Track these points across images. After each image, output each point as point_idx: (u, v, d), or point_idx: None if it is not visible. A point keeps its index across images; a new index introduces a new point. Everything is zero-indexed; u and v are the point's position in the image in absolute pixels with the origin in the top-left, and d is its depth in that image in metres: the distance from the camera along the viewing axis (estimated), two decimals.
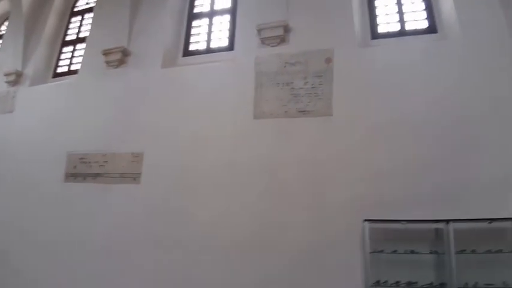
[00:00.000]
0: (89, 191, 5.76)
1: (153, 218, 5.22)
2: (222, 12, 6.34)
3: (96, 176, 5.72)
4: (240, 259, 4.67)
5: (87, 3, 7.74)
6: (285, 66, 5.27)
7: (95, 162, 5.78)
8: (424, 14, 5.30)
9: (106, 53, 6.25)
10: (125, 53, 6.25)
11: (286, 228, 4.62)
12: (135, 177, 5.45)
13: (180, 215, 5.09)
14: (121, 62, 6.25)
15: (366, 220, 4.06)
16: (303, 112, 5.01)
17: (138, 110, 5.81)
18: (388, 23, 5.47)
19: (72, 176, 5.92)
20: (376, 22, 5.50)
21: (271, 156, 4.95)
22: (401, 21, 5.40)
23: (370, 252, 4.00)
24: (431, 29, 5.20)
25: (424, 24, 5.28)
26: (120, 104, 5.99)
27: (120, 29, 6.41)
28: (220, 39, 6.12)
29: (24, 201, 6.24)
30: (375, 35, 5.43)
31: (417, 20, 5.35)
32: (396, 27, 5.40)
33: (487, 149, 4.28)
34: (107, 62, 6.30)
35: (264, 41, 5.47)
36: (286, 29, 5.42)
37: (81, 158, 5.93)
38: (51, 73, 7.40)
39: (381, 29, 5.47)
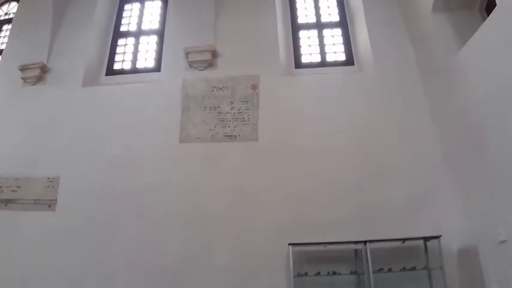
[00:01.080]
0: (1, 218, 5.30)
1: (69, 248, 4.92)
2: (149, 32, 6.41)
3: (7, 202, 5.32)
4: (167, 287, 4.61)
5: (6, 14, 7.29)
6: (212, 91, 5.41)
7: (6, 187, 5.39)
8: (342, 48, 5.75)
9: (23, 68, 5.95)
10: (44, 70, 5.99)
11: (212, 254, 4.68)
12: (50, 204, 5.16)
13: (100, 244, 4.89)
14: (39, 79, 5.97)
15: (290, 244, 4.22)
16: (230, 137, 5.17)
17: (56, 131, 5.57)
18: (311, 54, 5.96)
19: None
20: (300, 52, 5.94)
21: (197, 181, 5.04)
22: (322, 53, 5.94)
23: (295, 277, 4.16)
24: (349, 62, 5.75)
25: (343, 57, 5.84)
26: (36, 123, 5.69)
27: (40, 43, 6.15)
28: (147, 60, 6.17)
29: None
30: (298, 64, 5.86)
31: (337, 52, 5.91)
32: (317, 59, 5.90)
33: (398, 174, 4.83)
34: (24, 78, 5.98)
35: (191, 64, 5.60)
36: (214, 54, 5.62)
37: None
38: None
39: (304, 59, 5.95)
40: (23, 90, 6.02)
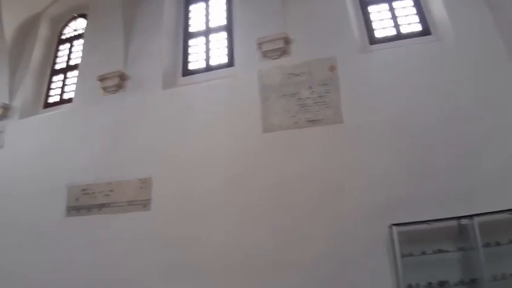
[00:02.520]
0: (94, 223, 5.73)
1: (164, 245, 5.25)
2: (218, 29, 6.64)
3: (101, 206, 5.67)
4: (258, 279, 4.72)
5: (75, 30, 7.85)
6: (289, 78, 5.44)
7: (99, 192, 5.78)
8: (417, 18, 5.60)
9: (102, 78, 6.38)
10: (122, 78, 6.41)
11: (305, 243, 4.72)
12: (144, 204, 5.40)
13: (193, 239, 5.13)
14: (119, 87, 6.39)
15: (393, 224, 4.17)
16: (313, 122, 5.16)
17: (142, 134, 5.94)
18: (384, 28, 5.81)
19: (75, 209, 5.85)
20: (373, 28, 5.78)
21: (284, 169, 5.11)
22: (396, 25, 5.70)
23: (402, 257, 4.01)
24: (426, 32, 5.51)
25: (418, 27, 5.59)
26: (122, 129, 6.10)
27: (114, 53, 6.59)
28: (219, 57, 6.39)
29: (21, 242, 6.13)
30: (372, 40, 5.74)
31: (411, 23, 5.72)
32: (392, 32, 5.72)
33: (492, 145, 4.57)
34: (104, 88, 6.42)
35: (265, 54, 5.67)
36: (287, 41, 5.68)
37: (84, 190, 5.92)
38: (41, 104, 7.42)
39: (378, 34, 5.79)
40: (104, 99, 6.46)
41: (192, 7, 6.95)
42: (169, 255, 5.12)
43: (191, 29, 6.77)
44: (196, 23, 6.78)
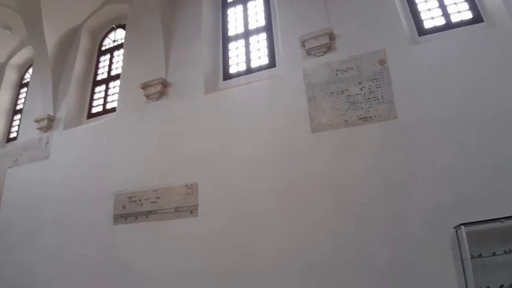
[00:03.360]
0: (142, 231, 5.66)
1: (215, 251, 5.12)
2: (257, 31, 6.50)
3: (148, 213, 5.61)
4: (317, 285, 4.48)
5: (114, 41, 7.94)
6: (336, 74, 5.23)
7: (145, 200, 5.71)
8: (466, 5, 5.27)
9: (145, 86, 6.38)
10: (165, 84, 6.39)
11: (363, 246, 4.45)
12: (191, 210, 5.31)
13: (244, 245, 4.97)
14: (161, 94, 6.38)
15: (462, 224, 3.79)
16: (365, 119, 4.91)
17: (186, 140, 5.87)
18: (432, 17, 5.48)
19: (122, 217, 5.85)
20: (421, 18, 5.48)
21: (336, 170, 4.87)
22: (445, 14, 5.39)
23: (472, 258, 3.70)
24: (477, 19, 5.14)
25: (469, 15, 5.25)
26: (166, 135, 6.07)
27: (155, 61, 6.58)
28: (260, 58, 6.23)
29: (71, 249, 6.17)
30: (421, 31, 5.42)
31: (460, 11, 5.35)
32: (441, 21, 5.40)
33: None
34: (147, 96, 6.41)
35: (309, 52, 5.48)
36: (331, 37, 5.48)
37: (130, 197, 5.87)
38: (85, 114, 7.52)
39: (427, 24, 5.47)
40: (148, 107, 6.44)
41: (230, 11, 6.87)
42: (220, 262, 4.97)
43: (230, 33, 6.67)
44: (234, 26, 6.69)
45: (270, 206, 4.97)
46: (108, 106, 7.32)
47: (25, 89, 9.16)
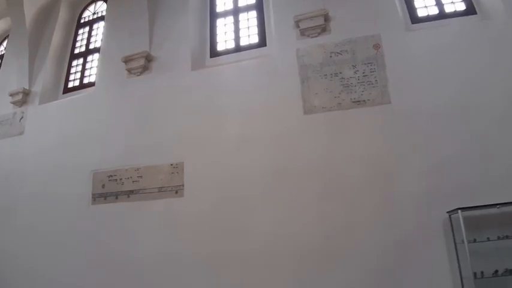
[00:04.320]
0: (123, 211, 5.42)
1: (201, 233, 4.93)
2: (247, 8, 6.25)
3: (130, 193, 5.35)
4: (303, 270, 4.41)
5: (94, 14, 7.51)
6: (330, 57, 5.12)
7: (127, 179, 5.45)
8: None
9: (127, 60, 6.04)
10: (148, 58, 6.05)
11: (355, 230, 4.39)
12: (176, 190, 5.09)
13: (232, 228, 4.81)
14: (145, 69, 6.04)
15: (459, 208, 3.75)
16: (358, 102, 4.83)
17: (171, 117, 5.60)
18: (426, 6, 5.43)
19: (101, 196, 5.54)
20: (414, 6, 5.41)
21: (328, 152, 4.77)
22: (439, 4, 5.36)
23: (469, 243, 3.70)
24: (470, 11, 5.15)
25: (462, 7, 5.24)
26: (149, 112, 5.77)
27: (139, 34, 6.24)
28: (249, 37, 5.98)
29: (48, 230, 5.83)
30: (415, 19, 5.36)
31: (454, 2, 5.31)
32: (434, 11, 5.36)
33: None
34: (129, 70, 6.08)
35: (303, 32, 5.33)
36: (327, 18, 5.34)
37: (110, 176, 5.59)
38: (61, 89, 7.06)
39: (420, 13, 5.42)
40: (129, 82, 6.13)
41: None
42: (206, 245, 4.81)
43: (218, 9, 6.38)
44: (223, 2, 6.39)
45: (259, 188, 4.82)
46: (85, 80, 6.93)
47: None
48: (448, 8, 5.31)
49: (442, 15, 5.26)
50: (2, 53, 8.49)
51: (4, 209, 6.38)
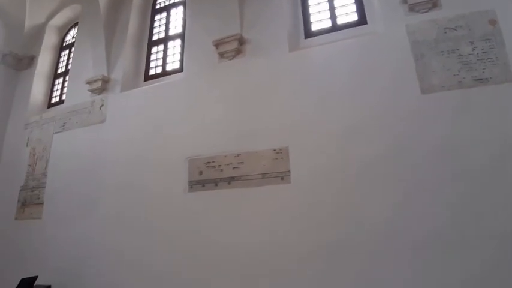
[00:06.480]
0: (223, 199, 5.23)
1: (309, 220, 4.71)
2: None
3: (231, 180, 5.18)
4: (426, 261, 4.09)
5: None
6: (445, 32, 4.80)
7: (226, 165, 5.27)
8: None
9: (218, 43, 5.88)
10: (241, 41, 5.84)
11: (482, 220, 4.02)
12: (282, 177, 4.90)
13: (345, 216, 4.55)
14: (238, 52, 5.84)
15: None
16: (480, 80, 4.49)
17: (269, 101, 5.40)
18: None
19: (199, 183, 5.39)
20: None
21: (451, 135, 4.42)
22: None
23: None
24: None
25: None
26: (244, 96, 5.59)
27: (229, 17, 6.03)
28: (348, 15, 5.66)
29: (138, 220, 5.83)
30: None
31: None
32: None
33: None
34: (221, 54, 5.91)
35: (412, 8, 5.03)
36: None
37: (208, 162, 5.44)
38: (141, 76, 6.95)
39: None
40: (221, 66, 5.96)
41: None
42: (317, 233, 4.58)
43: None
44: None
45: (374, 172, 4.55)
46: (168, 67, 6.84)
47: (66, 52, 8.62)
48: None
49: None
50: (69, 42, 8.48)
51: (86, 200, 6.38)
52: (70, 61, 8.24)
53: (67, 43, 8.72)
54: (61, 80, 8.36)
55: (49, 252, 6.46)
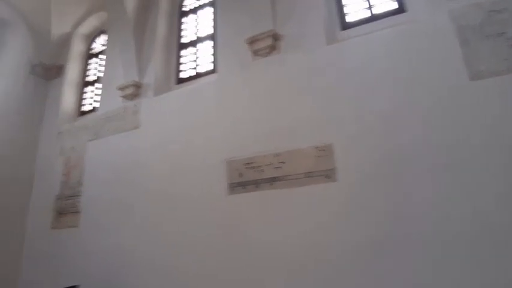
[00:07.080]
0: (266, 200, 5.14)
1: (357, 217, 4.56)
2: None
3: (272, 180, 5.09)
4: (482, 260, 3.85)
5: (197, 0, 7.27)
6: (489, 16, 4.55)
7: (266, 165, 5.18)
8: None
9: (252, 41, 5.79)
10: (276, 37, 5.71)
11: None
12: (327, 174, 4.75)
13: (396, 210, 4.37)
14: (272, 48, 5.73)
15: None
16: None
17: (308, 98, 5.26)
18: None
19: (240, 185, 5.31)
20: None
21: (503, 124, 4.18)
22: None
23: None
24: None
25: None
26: (282, 93, 5.47)
27: (260, 13, 5.92)
28: (382, 4, 5.48)
29: (175, 226, 5.82)
30: None
31: None
32: None
33: None
34: (255, 52, 5.82)
35: None
36: None
37: (247, 164, 5.36)
38: (173, 79, 6.93)
39: None
40: (255, 64, 5.87)
41: None
42: (366, 231, 4.43)
43: None
44: None
45: (423, 165, 4.36)
46: (199, 69, 6.81)
47: (94, 60, 8.70)
48: None
49: None
50: (96, 51, 8.54)
51: (122, 207, 6.41)
52: (99, 68, 8.29)
53: (94, 51, 8.78)
54: (91, 88, 8.42)
55: (86, 261, 6.53)
